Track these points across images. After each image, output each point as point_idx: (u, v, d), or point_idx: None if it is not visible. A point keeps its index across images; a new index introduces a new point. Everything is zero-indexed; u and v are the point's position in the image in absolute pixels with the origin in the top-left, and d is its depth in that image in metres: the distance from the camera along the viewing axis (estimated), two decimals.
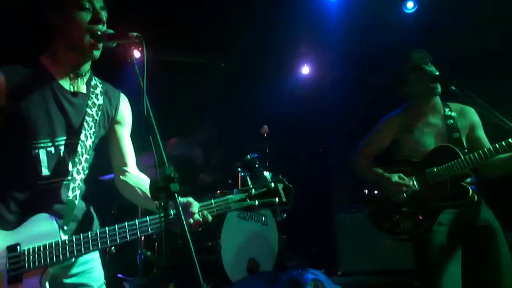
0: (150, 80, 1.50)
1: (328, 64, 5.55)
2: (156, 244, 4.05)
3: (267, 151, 4.81)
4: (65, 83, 1.79)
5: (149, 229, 1.70)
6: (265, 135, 4.78)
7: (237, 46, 5.15)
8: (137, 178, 1.95)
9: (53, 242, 1.63)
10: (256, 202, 1.82)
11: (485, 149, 2.51)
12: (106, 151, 1.95)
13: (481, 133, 2.75)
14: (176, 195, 1.37)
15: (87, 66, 1.84)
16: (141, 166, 4.16)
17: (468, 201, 2.58)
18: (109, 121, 1.91)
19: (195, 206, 1.75)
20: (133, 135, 2.12)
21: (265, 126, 4.80)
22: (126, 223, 1.70)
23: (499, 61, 4.16)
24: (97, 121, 1.84)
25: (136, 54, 1.61)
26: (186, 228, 1.31)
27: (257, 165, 4.62)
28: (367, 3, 4.55)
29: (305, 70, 5.69)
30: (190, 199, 1.76)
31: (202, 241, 3.85)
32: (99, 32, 1.70)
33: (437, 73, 2.69)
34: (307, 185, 5.14)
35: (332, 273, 3.72)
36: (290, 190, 1.87)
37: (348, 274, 4.13)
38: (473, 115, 2.78)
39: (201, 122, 4.96)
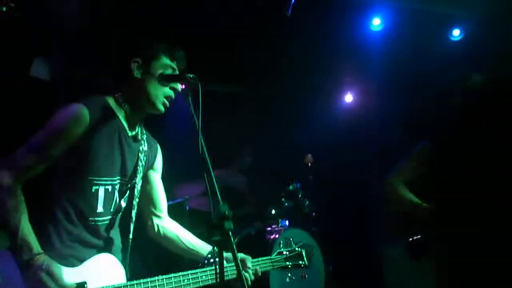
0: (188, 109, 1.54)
1: (372, 91, 5.50)
2: None
3: (311, 180, 4.77)
4: (127, 127, 1.87)
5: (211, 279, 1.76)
6: (309, 164, 4.75)
7: (281, 75, 5.20)
8: (175, 227, 2.02)
9: (121, 284, 1.66)
10: (289, 264, 2.18)
11: None
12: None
13: None
14: (230, 233, 1.38)
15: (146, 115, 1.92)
16: (185, 195, 4.21)
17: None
18: (148, 168, 1.99)
19: (249, 261, 1.93)
20: (181, 164, 2.18)
21: (309, 155, 4.78)
22: (191, 271, 1.80)
23: None
24: (143, 166, 1.92)
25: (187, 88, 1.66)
26: (242, 273, 1.32)
27: (300, 195, 4.60)
28: (412, 31, 4.50)
29: (349, 98, 5.66)
30: (244, 255, 1.94)
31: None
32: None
33: None
34: (354, 216, 5.04)
35: None
36: (310, 254, 2.27)
37: None
38: None
39: (242, 148, 4.99)
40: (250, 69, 5.08)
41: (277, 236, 4.07)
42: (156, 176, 2.03)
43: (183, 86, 1.73)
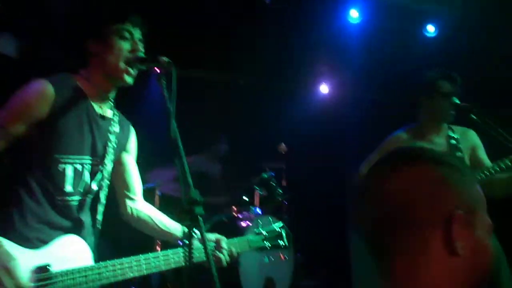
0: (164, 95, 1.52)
1: (347, 84, 5.56)
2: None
3: (285, 169, 4.81)
4: (96, 105, 1.83)
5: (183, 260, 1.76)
6: (283, 153, 4.78)
7: (256, 64, 5.19)
8: (149, 208, 2.00)
9: (88, 266, 1.64)
10: (269, 244, 2.14)
11: (484, 168, 2.56)
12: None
13: (482, 155, 2.83)
14: (200, 218, 1.39)
15: (114, 92, 1.88)
16: (156, 179, 4.20)
17: None
18: (120, 150, 1.95)
19: (224, 241, 1.90)
20: (154, 149, 2.17)
21: (283, 144, 4.80)
22: (163, 252, 1.77)
23: None
24: (114, 149, 1.88)
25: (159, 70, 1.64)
26: (210, 254, 1.33)
27: (273, 184, 4.63)
28: (388, 26, 4.56)
29: (324, 89, 5.70)
30: (219, 235, 1.92)
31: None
32: (132, 58, 1.75)
33: (458, 101, 2.73)
34: (324, 204, 5.12)
35: None
36: (290, 236, 2.23)
37: None
38: (475, 138, 2.88)
39: (217, 136, 4.98)
40: (227, 57, 5.05)
41: (249, 223, 4.11)
42: (129, 159, 2.00)
43: (157, 70, 1.70)
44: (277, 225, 2.21)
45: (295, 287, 4.10)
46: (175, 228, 1.94)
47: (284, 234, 2.18)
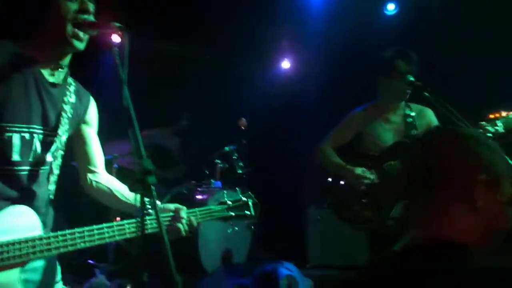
0: (129, 69, 1.49)
1: (309, 60, 5.59)
2: None
3: (245, 143, 4.84)
4: (46, 73, 1.76)
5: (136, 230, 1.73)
6: (243, 127, 4.81)
7: (218, 38, 5.13)
8: (109, 180, 1.96)
9: (37, 236, 1.60)
10: (232, 214, 2.07)
11: None
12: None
13: None
14: (152, 187, 1.38)
15: (67, 59, 1.81)
16: (113, 152, 4.14)
17: None
18: (77, 121, 1.89)
19: (184, 211, 1.84)
20: (109, 122, 2.13)
21: (243, 118, 4.82)
22: (117, 222, 1.73)
23: (473, 70, 4.27)
24: (70, 119, 1.82)
25: (116, 39, 1.59)
26: (161, 224, 1.33)
27: (234, 157, 4.66)
28: (350, 3, 4.59)
29: (286, 64, 5.71)
30: (178, 205, 1.85)
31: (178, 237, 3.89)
32: (81, 21, 1.68)
33: (413, 79, 2.80)
34: (282, 180, 5.21)
35: (301, 266, 3.80)
36: (258, 205, 2.14)
37: (317, 267, 4.22)
38: (431, 116, 2.98)
39: (179, 112, 4.94)
40: (191, 30, 4.97)
41: (209, 196, 4.13)
42: (89, 130, 1.94)
43: (109, 36, 1.63)
44: (244, 195, 2.14)
45: (252, 258, 4.19)
46: (135, 198, 1.90)
47: (250, 204, 2.11)
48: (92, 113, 1.96)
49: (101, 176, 1.98)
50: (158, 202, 1.81)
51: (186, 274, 3.60)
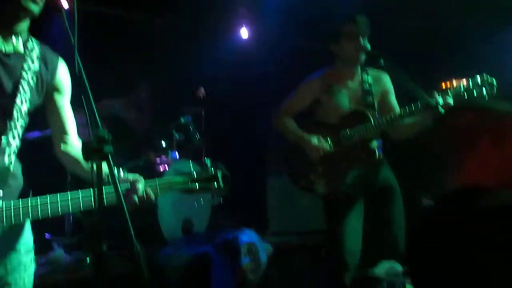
0: (81, 35, 1.43)
1: (268, 27, 5.53)
2: None
3: (203, 114, 4.80)
4: None
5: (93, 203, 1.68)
6: (201, 97, 4.75)
7: (174, 5, 4.98)
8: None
9: None
10: (197, 186, 1.93)
11: (392, 114, 2.73)
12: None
13: (392, 99, 3.00)
14: (109, 156, 1.35)
15: (23, 25, 1.70)
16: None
17: (375, 162, 2.83)
18: (44, 88, 1.81)
19: (141, 183, 1.77)
20: None
21: (202, 88, 4.76)
22: (72, 192, 1.68)
23: (433, 37, 4.36)
24: (33, 87, 1.74)
25: (65, 4, 1.51)
26: (121, 196, 1.30)
27: (191, 128, 4.62)
28: None
29: (244, 33, 5.64)
30: (137, 176, 1.79)
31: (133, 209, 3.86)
32: None
33: (369, 47, 2.83)
34: (242, 148, 5.23)
35: (262, 233, 3.89)
36: (228, 178, 1.99)
37: (277, 233, 4.32)
38: (387, 82, 3.03)
39: (137, 82, 4.81)
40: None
41: (166, 167, 4.11)
42: (60, 98, 1.86)
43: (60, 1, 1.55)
44: (213, 166, 1.99)
45: (212, 227, 4.24)
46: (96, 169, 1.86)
47: (219, 176, 1.96)
48: (62, 77, 1.86)
49: (73, 144, 1.93)
50: (121, 172, 1.79)
51: (146, 245, 3.60)
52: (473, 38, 4.07)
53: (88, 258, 3.40)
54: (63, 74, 1.86)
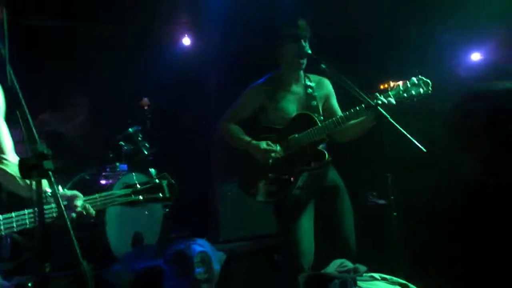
0: (14, 47, 1.38)
1: (210, 35, 5.53)
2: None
3: (149, 124, 4.72)
4: None
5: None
6: (146, 107, 4.68)
7: (115, 12, 4.87)
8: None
9: None
10: (141, 197, 1.92)
11: (339, 116, 2.81)
12: None
13: (335, 103, 3.09)
14: (50, 173, 1.30)
15: None
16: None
17: (324, 164, 2.90)
18: None
19: (79, 199, 1.74)
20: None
21: (145, 98, 4.70)
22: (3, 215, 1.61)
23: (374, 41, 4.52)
24: None
25: None
26: (65, 213, 1.26)
27: (139, 138, 4.53)
28: None
29: (186, 41, 5.60)
30: (76, 192, 1.76)
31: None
32: None
33: (310, 51, 2.89)
34: (190, 158, 5.18)
35: (214, 241, 3.86)
36: (174, 187, 2.01)
37: (229, 240, 4.31)
38: (329, 86, 3.12)
39: (78, 96, 4.67)
40: (80, 4, 4.65)
41: (114, 181, 3.98)
42: None
43: None
44: (159, 176, 2.01)
45: (164, 239, 4.16)
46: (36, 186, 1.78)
47: (165, 186, 1.97)
48: None
49: (8, 161, 1.86)
50: (60, 189, 1.72)
51: (94, 262, 3.48)
52: (402, 43, 4.26)
53: (30, 283, 3.21)
54: None
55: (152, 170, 4.21)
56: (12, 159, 1.87)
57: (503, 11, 3.94)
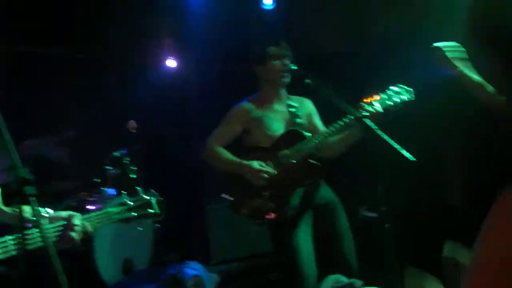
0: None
1: (194, 57, 5.56)
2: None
3: (137, 147, 4.68)
4: None
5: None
6: (133, 130, 4.64)
7: (97, 37, 4.88)
8: None
9: None
10: (135, 214, 2.02)
11: (327, 129, 2.80)
12: None
13: (317, 121, 3.11)
14: (33, 199, 1.27)
15: None
16: None
17: (319, 177, 2.88)
18: None
19: (77, 218, 1.73)
20: None
21: (132, 121, 4.66)
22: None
23: (347, 61, 4.58)
24: None
25: None
26: (46, 239, 1.23)
27: (126, 162, 4.48)
28: None
29: (171, 63, 5.62)
30: (71, 212, 1.76)
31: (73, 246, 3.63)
32: None
33: (294, 67, 2.91)
34: (178, 179, 5.13)
35: (205, 263, 3.80)
36: (162, 203, 2.12)
37: (221, 262, 4.25)
38: (311, 105, 3.15)
39: (63, 120, 4.62)
40: (64, 30, 4.65)
41: (102, 204, 3.92)
42: None
43: None
44: (147, 194, 2.11)
45: (155, 263, 4.08)
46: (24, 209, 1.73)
47: (154, 202, 2.08)
48: None
49: None
50: (50, 211, 1.69)
51: None
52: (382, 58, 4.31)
53: None
54: None
55: (139, 189, 4.15)
56: None
57: None
